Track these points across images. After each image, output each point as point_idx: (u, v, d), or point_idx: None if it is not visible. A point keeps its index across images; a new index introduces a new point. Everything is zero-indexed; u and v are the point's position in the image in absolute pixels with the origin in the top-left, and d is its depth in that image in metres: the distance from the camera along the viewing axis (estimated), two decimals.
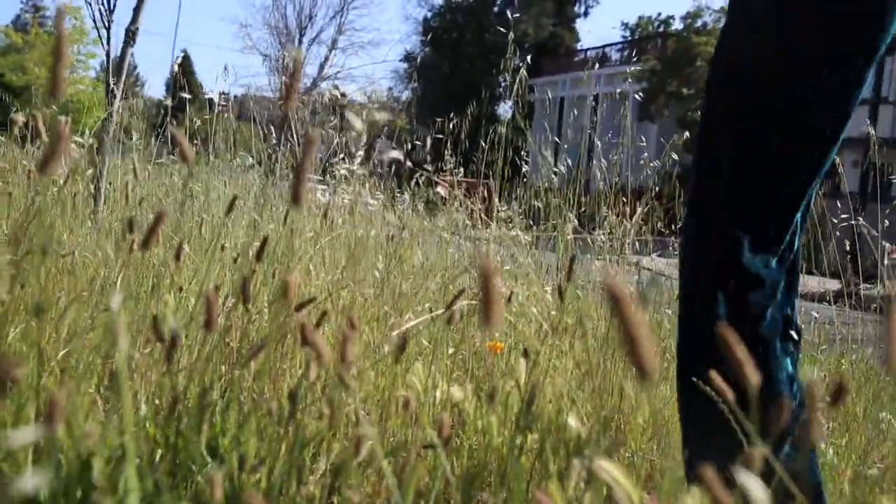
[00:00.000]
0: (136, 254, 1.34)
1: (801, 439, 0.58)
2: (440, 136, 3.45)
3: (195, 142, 3.43)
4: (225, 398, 1.52)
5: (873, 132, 3.92)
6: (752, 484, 0.71)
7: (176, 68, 3.50)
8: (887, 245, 2.95)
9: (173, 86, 3.39)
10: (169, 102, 3.13)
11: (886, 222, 2.59)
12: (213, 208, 2.94)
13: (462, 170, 3.86)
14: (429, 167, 3.95)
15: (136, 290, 1.96)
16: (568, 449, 1.63)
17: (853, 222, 3.07)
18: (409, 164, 3.84)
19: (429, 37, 34.36)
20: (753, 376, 0.79)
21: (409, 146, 4.28)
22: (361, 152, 2.77)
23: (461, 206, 3.79)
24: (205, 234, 2.28)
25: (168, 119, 3.24)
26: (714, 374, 1.03)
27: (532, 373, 1.67)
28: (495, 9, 34.26)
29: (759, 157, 1.20)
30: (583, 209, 4.07)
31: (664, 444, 1.68)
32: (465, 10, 33.87)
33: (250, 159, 3.81)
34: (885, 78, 17.56)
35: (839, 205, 3.46)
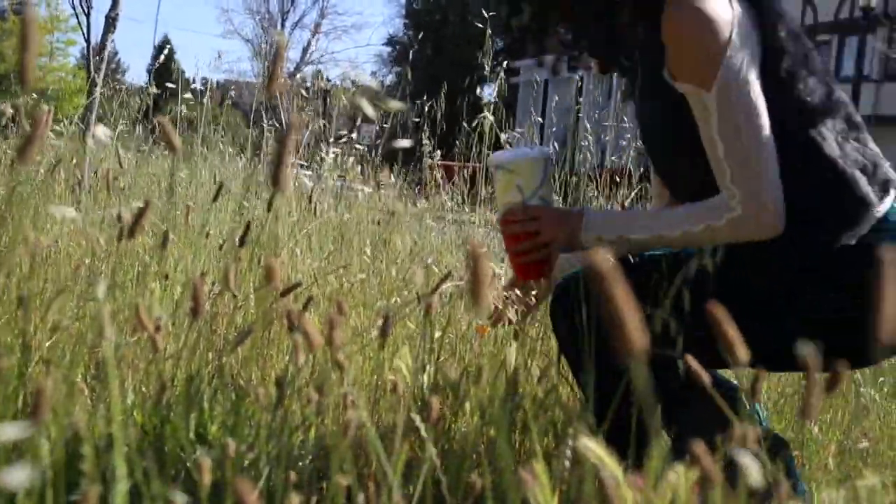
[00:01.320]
0: (121, 243, 1.33)
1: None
2: (417, 119, 3.45)
3: (179, 128, 3.41)
4: (212, 385, 1.52)
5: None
6: (745, 458, 0.72)
7: (161, 58, 3.48)
8: None
9: (156, 73, 3.36)
10: (153, 90, 3.10)
11: None
12: (199, 195, 2.93)
13: (438, 153, 3.86)
14: (413, 149, 3.95)
15: (122, 279, 1.95)
16: (556, 429, 1.65)
17: None
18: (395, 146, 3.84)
19: (412, 20, 34.22)
20: (742, 351, 0.79)
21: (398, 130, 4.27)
22: (355, 135, 2.77)
23: (445, 189, 3.80)
24: (191, 222, 2.27)
25: (151, 107, 3.22)
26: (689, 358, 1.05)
27: (519, 354, 1.67)
28: None
29: None
30: (569, 191, 4.08)
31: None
32: None
33: (235, 146, 3.80)
34: (867, 56, 17.62)
35: None
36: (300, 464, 1.35)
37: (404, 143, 1.75)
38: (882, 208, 1.36)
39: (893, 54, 18.10)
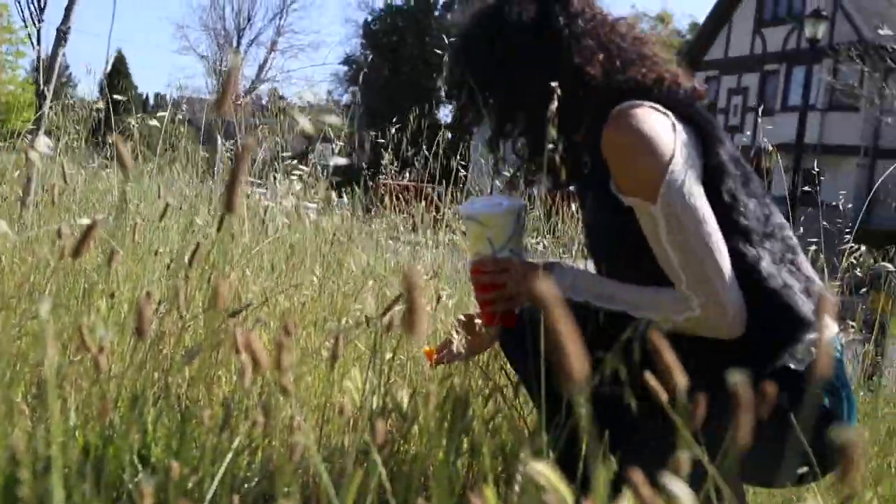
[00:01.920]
0: (66, 260, 1.31)
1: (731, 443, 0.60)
2: (381, 140, 3.45)
3: (130, 144, 3.36)
4: (158, 406, 1.50)
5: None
6: (679, 488, 0.73)
7: (113, 72, 3.43)
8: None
9: (108, 88, 3.31)
10: (101, 105, 3.05)
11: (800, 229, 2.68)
12: (149, 212, 2.89)
13: (405, 174, 3.87)
14: (371, 170, 3.95)
15: (67, 297, 1.91)
16: (504, 452, 1.65)
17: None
18: (348, 166, 3.83)
19: (369, 40, 34.28)
20: (681, 379, 0.81)
21: (351, 150, 4.26)
22: (304, 156, 2.76)
23: (402, 210, 3.80)
24: (140, 240, 2.24)
25: (102, 122, 3.17)
26: (648, 376, 1.06)
27: (470, 377, 1.68)
28: (436, 12, 34.36)
29: None
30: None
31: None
32: (406, 13, 33.85)
33: (188, 163, 3.76)
34: (813, 86, 18.12)
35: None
36: (245, 486, 1.33)
37: (340, 160, 1.75)
38: (829, 333, 1.39)
39: (838, 85, 18.64)
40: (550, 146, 1.40)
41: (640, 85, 1.45)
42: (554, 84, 1.42)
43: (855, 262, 2.42)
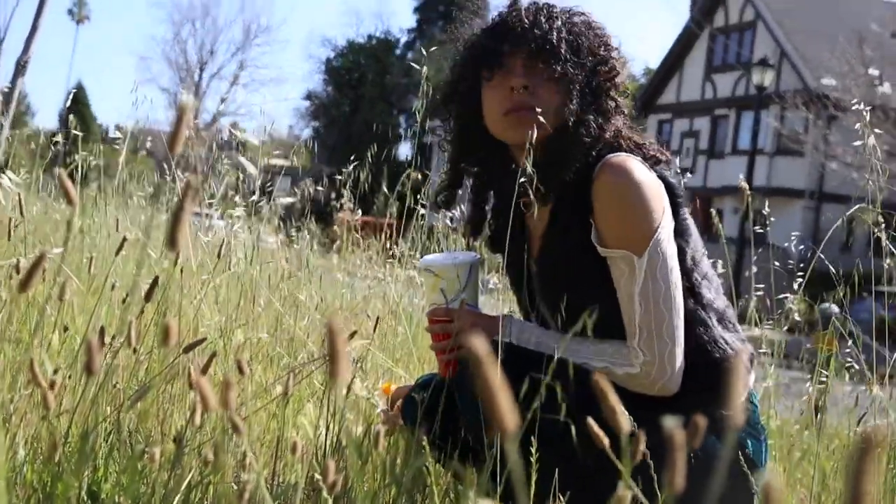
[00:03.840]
0: (16, 293, 1.30)
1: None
2: (339, 176, 3.47)
3: (86, 175, 3.34)
4: (109, 441, 1.49)
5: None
6: None
7: (72, 103, 3.40)
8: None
9: (66, 120, 3.29)
10: (60, 139, 3.03)
11: (755, 269, 2.75)
12: (106, 245, 2.87)
13: (360, 212, 3.88)
14: (327, 206, 3.96)
15: (18, 330, 1.89)
16: (456, 491, 1.66)
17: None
18: (307, 202, 3.84)
19: (331, 76, 34.42)
20: (625, 422, 0.84)
21: (309, 185, 4.28)
22: (256, 194, 2.76)
23: (360, 245, 3.81)
24: (95, 272, 2.22)
25: (59, 152, 3.15)
26: (590, 421, 1.09)
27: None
28: (397, 51, 34.67)
29: None
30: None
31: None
32: (367, 51, 34.10)
33: (146, 195, 3.74)
34: (761, 131, 18.62)
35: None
36: None
37: (287, 200, 1.77)
38: (749, 384, 1.51)
39: (784, 131, 19.17)
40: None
41: (617, 141, 1.48)
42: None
43: (793, 306, 2.50)
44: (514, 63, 1.48)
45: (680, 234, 1.45)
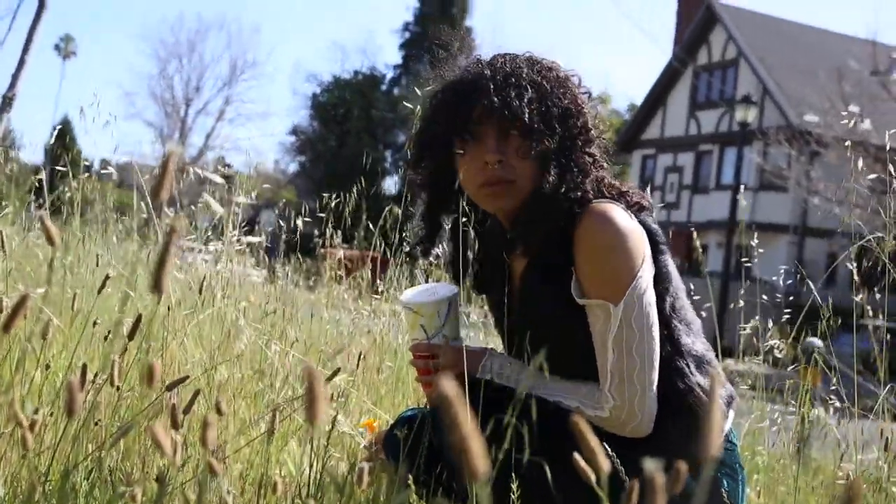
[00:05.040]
0: None
1: None
2: (321, 214, 3.47)
3: (72, 210, 3.33)
4: (90, 479, 1.47)
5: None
6: None
7: (59, 137, 3.40)
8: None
9: (52, 155, 3.29)
10: (43, 176, 3.03)
11: (742, 302, 2.78)
12: (89, 280, 2.86)
13: (346, 245, 3.88)
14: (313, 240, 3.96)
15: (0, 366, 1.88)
16: None
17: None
18: (292, 236, 3.84)
19: (317, 112, 34.58)
20: (605, 463, 0.84)
21: (294, 219, 4.29)
22: (235, 231, 2.76)
23: (344, 280, 3.81)
24: (77, 309, 2.21)
25: (45, 188, 3.14)
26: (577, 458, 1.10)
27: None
28: (383, 86, 34.89)
29: None
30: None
31: None
32: (353, 86, 34.29)
33: (131, 230, 3.73)
34: (745, 167, 18.82)
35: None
36: None
37: (254, 239, 1.78)
38: (727, 426, 1.52)
39: (767, 167, 19.37)
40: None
41: (600, 190, 1.49)
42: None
43: (775, 342, 2.52)
44: (486, 134, 1.48)
45: (660, 280, 1.46)
